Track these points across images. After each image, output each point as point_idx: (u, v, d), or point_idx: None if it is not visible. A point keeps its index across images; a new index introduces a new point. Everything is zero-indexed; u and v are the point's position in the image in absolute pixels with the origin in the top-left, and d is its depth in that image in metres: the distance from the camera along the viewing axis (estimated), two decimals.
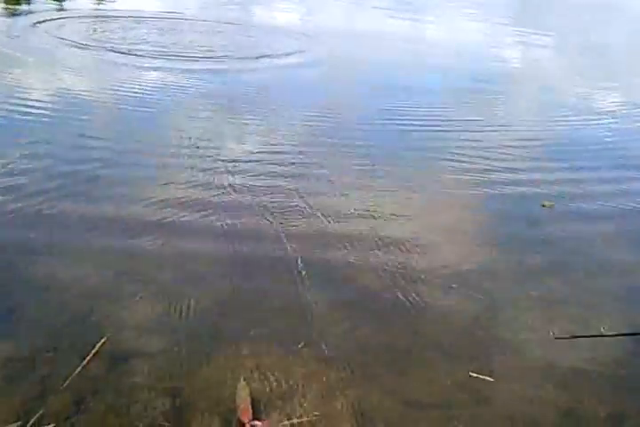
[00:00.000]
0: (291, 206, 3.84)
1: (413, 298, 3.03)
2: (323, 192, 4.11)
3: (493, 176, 4.68)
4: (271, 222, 3.62)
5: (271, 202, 3.88)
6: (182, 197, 3.82)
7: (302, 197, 3.97)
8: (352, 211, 3.88)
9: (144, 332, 2.60)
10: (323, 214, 3.77)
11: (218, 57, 7.70)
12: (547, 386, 2.55)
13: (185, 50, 7.76)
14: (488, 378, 2.55)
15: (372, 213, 3.88)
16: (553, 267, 3.51)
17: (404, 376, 2.53)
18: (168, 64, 7.07)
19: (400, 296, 3.04)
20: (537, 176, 4.78)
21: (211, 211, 3.70)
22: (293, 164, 4.53)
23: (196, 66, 7.19)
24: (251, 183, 4.11)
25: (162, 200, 3.77)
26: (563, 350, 2.79)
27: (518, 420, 2.37)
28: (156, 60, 7.13)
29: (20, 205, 3.54)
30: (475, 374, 2.56)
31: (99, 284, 2.91)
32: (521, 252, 3.66)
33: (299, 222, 3.66)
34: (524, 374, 2.61)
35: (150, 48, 7.64)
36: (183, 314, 2.74)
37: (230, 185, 4.04)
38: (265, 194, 3.98)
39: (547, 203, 4.03)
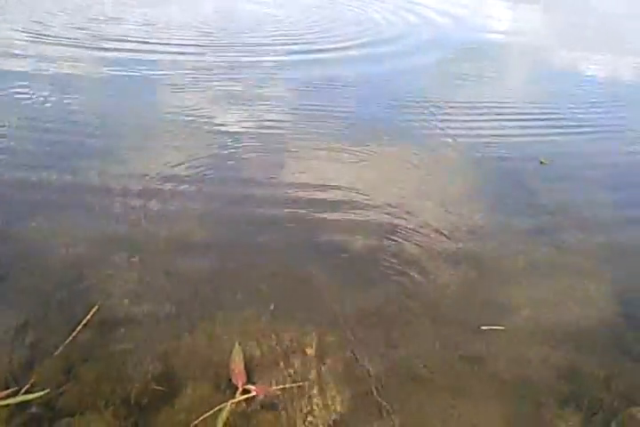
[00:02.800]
0: None
1: (403, 262, 3.01)
2: None
3: None
4: None
5: None
6: None
7: None
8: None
9: (135, 299, 2.57)
10: None
11: None
12: (540, 346, 2.55)
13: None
14: (500, 327, 2.59)
15: None
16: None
17: (396, 340, 2.50)
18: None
19: (390, 260, 3.02)
20: None
21: None
22: None
23: None
24: None
25: None
26: (552, 311, 2.78)
27: (511, 381, 2.36)
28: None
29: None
30: (486, 327, 2.59)
31: (89, 251, 2.88)
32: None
33: None
34: (515, 336, 2.59)
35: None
36: (174, 280, 2.71)
37: None
38: None
39: (544, 160, 4.23)
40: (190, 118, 4.54)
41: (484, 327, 2.60)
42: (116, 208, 3.25)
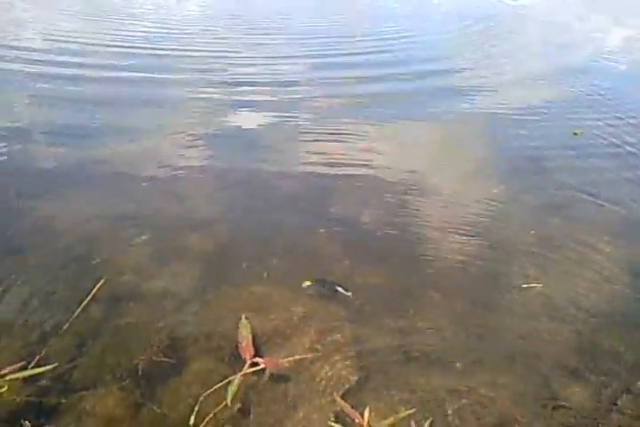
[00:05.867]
0: None
1: (414, 236, 2.98)
2: None
3: None
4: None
5: None
6: None
7: None
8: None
9: (143, 273, 2.58)
10: None
11: None
12: (551, 320, 2.51)
13: None
14: (538, 285, 2.67)
15: None
16: None
17: (405, 314, 2.48)
18: None
19: (401, 234, 2.99)
20: None
21: None
22: None
23: None
24: None
25: None
26: (564, 284, 2.73)
27: (521, 354, 2.33)
28: None
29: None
30: (526, 285, 2.67)
31: (98, 227, 2.88)
32: None
33: None
34: (525, 310, 2.56)
35: None
36: (183, 255, 2.71)
37: None
38: None
39: (577, 131, 4.40)
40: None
41: (524, 286, 2.65)
42: (127, 184, 3.25)
